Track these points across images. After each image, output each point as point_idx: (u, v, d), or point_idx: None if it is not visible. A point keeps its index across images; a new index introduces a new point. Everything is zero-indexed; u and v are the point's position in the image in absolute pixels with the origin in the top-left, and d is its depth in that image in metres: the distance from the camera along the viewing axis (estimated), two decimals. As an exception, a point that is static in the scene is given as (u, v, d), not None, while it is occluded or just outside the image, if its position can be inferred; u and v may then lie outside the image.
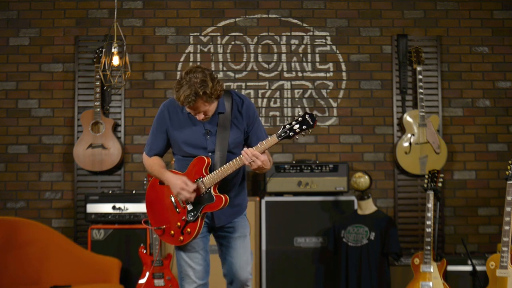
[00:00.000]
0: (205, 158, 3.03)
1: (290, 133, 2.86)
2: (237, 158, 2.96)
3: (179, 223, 3.08)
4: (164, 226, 3.12)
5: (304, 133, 2.86)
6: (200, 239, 3.14)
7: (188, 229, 3.05)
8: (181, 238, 3.07)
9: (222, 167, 2.99)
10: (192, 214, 3.03)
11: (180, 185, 3.00)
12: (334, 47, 5.44)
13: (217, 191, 3.02)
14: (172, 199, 3.11)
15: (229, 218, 3.16)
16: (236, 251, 3.17)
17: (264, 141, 2.92)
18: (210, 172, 3.03)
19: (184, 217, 3.06)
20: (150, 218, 3.22)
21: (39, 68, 5.38)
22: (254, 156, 2.89)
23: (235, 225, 3.19)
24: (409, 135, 5.22)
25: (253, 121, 3.16)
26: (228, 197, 3.02)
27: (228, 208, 3.08)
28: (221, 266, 3.24)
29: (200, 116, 2.99)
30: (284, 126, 2.87)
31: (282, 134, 2.87)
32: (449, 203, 5.36)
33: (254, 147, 2.92)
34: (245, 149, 2.92)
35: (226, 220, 3.16)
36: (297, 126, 2.85)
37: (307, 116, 2.84)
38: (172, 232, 3.10)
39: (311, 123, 2.83)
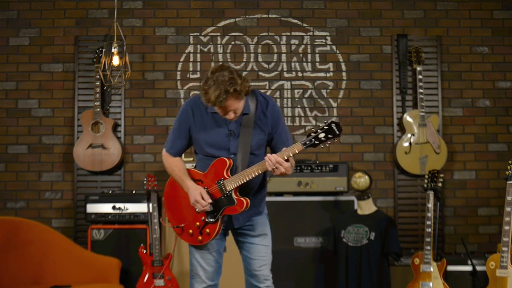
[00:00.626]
0: (226, 160, 3.00)
1: (315, 142, 2.83)
2: (260, 163, 2.93)
3: (198, 223, 3.06)
4: (182, 225, 3.10)
5: (330, 142, 2.82)
6: (215, 240, 3.12)
7: (208, 230, 3.03)
8: (200, 238, 3.06)
9: (244, 171, 2.96)
10: (212, 215, 3.02)
11: (196, 197, 2.99)
12: (334, 47, 5.44)
13: (238, 194, 3.00)
14: None
15: (246, 219, 3.14)
16: (256, 248, 3.15)
17: (288, 148, 2.88)
18: (232, 174, 3.00)
19: (203, 218, 3.04)
20: (169, 215, 3.19)
21: (39, 68, 5.38)
22: (278, 163, 2.87)
23: (255, 223, 3.16)
24: (409, 135, 5.22)
25: (278, 123, 3.11)
26: (249, 201, 2.99)
27: (247, 210, 3.05)
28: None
29: (230, 116, 2.94)
30: (309, 134, 2.84)
31: (307, 142, 2.84)
32: (449, 203, 5.36)
33: (277, 154, 2.89)
34: (268, 155, 2.88)
35: (243, 221, 3.13)
36: (323, 135, 2.82)
37: (333, 125, 2.81)
38: (191, 231, 3.08)
39: (337, 132, 2.80)
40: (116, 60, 4.66)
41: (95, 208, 4.81)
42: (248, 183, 3.02)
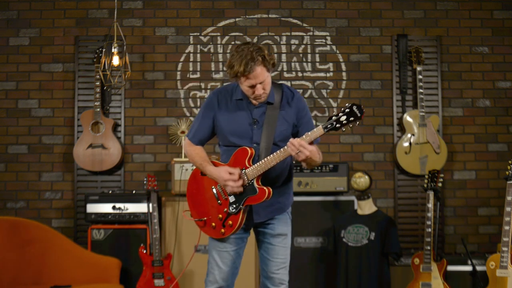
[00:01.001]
0: (248, 149, 2.97)
1: (337, 125, 2.77)
2: (283, 148, 2.88)
3: (220, 215, 3.02)
4: (205, 218, 3.06)
5: (351, 125, 2.77)
6: (234, 239, 3.08)
7: (230, 222, 2.98)
8: (223, 230, 3.01)
9: (266, 158, 2.91)
10: (234, 206, 2.97)
11: (224, 177, 2.94)
12: (334, 47, 5.44)
13: (260, 183, 2.95)
14: (214, 190, 3.05)
15: (268, 215, 3.09)
16: (274, 249, 3.11)
17: (310, 132, 2.83)
18: (254, 163, 2.96)
19: (225, 209, 3.00)
20: (191, 209, 3.16)
21: (39, 68, 5.38)
22: (301, 146, 2.79)
23: (276, 222, 3.12)
24: (409, 135, 5.22)
25: (304, 115, 3.09)
26: (271, 190, 2.93)
27: (269, 205, 3.04)
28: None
29: (259, 90, 2.93)
30: (331, 118, 2.78)
31: (329, 126, 2.78)
32: (449, 203, 5.36)
33: (299, 138, 2.83)
34: (291, 139, 2.83)
35: (265, 216, 3.09)
36: (344, 117, 2.76)
37: (354, 108, 2.75)
38: (214, 224, 3.04)
39: (359, 114, 2.74)
40: (116, 60, 4.66)
41: (95, 208, 4.81)
42: (271, 177, 2.99)
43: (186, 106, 5.38)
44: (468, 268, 4.44)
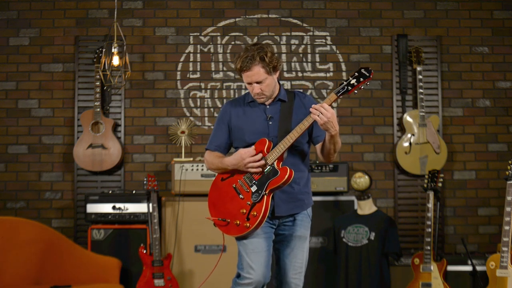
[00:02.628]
0: (266, 140, 2.99)
1: (348, 88, 2.87)
2: (303, 121, 2.92)
3: (244, 210, 2.97)
4: (228, 220, 3.02)
5: (362, 86, 2.87)
6: (264, 238, 3.02)
7: (254, 212, 2.94)
8: (247, 224, 2.95)
9: (283, 140, 2.94)
10: (257, 194, 2.94)
11: (242, 159, 2.96)
12: (334, 47, 5.44)
13: (280, 165, 2.96)
14: (235, 186, 3.04)
15: (289, 210, 3.06)
16: (292, 251, 3.09)
17: (324, 100, 2.90)
18: None
19: (248, 202, 2.97)
20: (213, 210, 3.11)
21: (39, 68, 5.38)
22: (322, 107, 2.83)
23: (297, 224, 3.09)
24: (409, 135, 5.22)
25: None
26: (293, 171, 2.92)
27: (289, 200, 3.03)
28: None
29: (255, 89, 3.01)
30: (342, 83, 2.88)
31: (341, 90, 2.88)
32: (449, 203, 5.36)
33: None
34: (312, 105, 2.87)
35: (286, 211, 3.05)
36: (354, 80, 2.87)
37: (362, 70, 2.87)
38: (238, 222, 2.98)
39: (368, 74, 2.86)
40: (116, 60, 4.66)
41: (95, 208, 4.81)
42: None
43: (186, 106, 5.38)
44: (468, 268, 4.44)
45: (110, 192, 4.95)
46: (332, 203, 4.86)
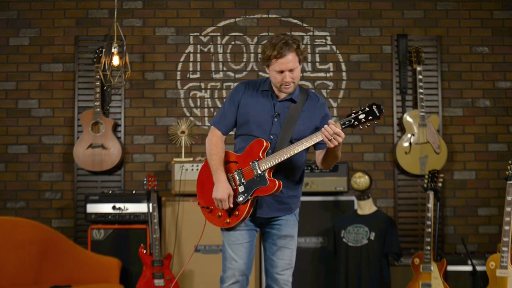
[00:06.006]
0: (264, 141, 2.99)
1: (355, 123, 2.81)
2: (303, 140, 2.90)
3: None
4: (212, 207, 3.05)
5: (369, 124, 2.81)
6: (247, 231, 3.08)
7: (237, 212, 2.99)
8: (228, 220, 3.01)
9: (281, 150, 2.93)
10: (243, 196, 2.97)
11: (221, 196, 2.98)
12: (334, 47, 5.44)
13: (271, 175, 2.96)
14: None
15: (272, 213, 3.08)
16: (279, 249, 3.11)
17: (333, 124, 2.83)
18: (267, 156, 2.98)
19: (234, 199, 3.01)
20: (199, 197, 3.17)
21: (39, 68, 5.38)
22: (336, 134, 2.79)
23: (282, 224, 3.11)
24: (409, 135, 5.22)
25: (326, 119, 3.08)
26: (281, 183, 2.93)
27: (275, 203, 3.05)
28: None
29: (287, 78, 2.96)
30: (350, 115, 2.81)
31: (346, 123, 2.81)
32: (449, 203, 5.36)
33: (327, 126, 2.81)
34: (325, 126, 2.81)
35: (268, 213, 3.08)
36: (363, 116, 2.80)
37: (374, 107, 2.79)
38: (220, 213, 3.04)
39: (378, 114, 2.78)
40: (116, 60, 4.66)
41: (95, 208, 4.81)
42: (282, 177, 2.99)
43: (186, 106, 5.38)
44: (468, 268, 4.44)
45: (110, 192, 4.96)
46: (332, 203, 4.86)
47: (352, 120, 2.80)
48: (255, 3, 5.45)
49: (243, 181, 3.00)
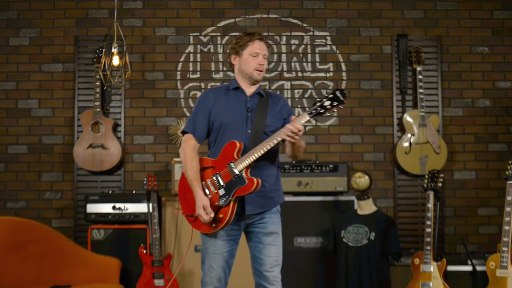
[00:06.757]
0: (236, 142, 3.05)
1: (321, 110, 2.89)
2: (269, 138, 3.00)
3: None
4: (195, 214, 3.08)
5: (335, 110, 2.90)
6: (227, 241, 3.13)
7: (220, 215, 3.02)
8: (214, 225, 3.04)
9: (253, 149, 3.00)
10: (224, 199, 3.01)
11: (200, 209, 3.02)
12: (334, 47, 5.44)
13: (248, 174, 3.01)
14: (203, 183, 3.10)
15: (259, 208, 3.13)
16: (265, 247, 3.14)
17: (297, 118, 2.94)
18: (243, 155, 3.04)
19: (216, 203, 3.04)
20: (183, 206, 3.20)
21: (39, 68, 5.38)
22: (297, 134, 2.92)
23: (267, 221, 3.16)
24: (409, 135, 5.22)
25: (290, 112, 3.25)
26: (260, 180, 2.99)
27: (260, 198, 3.10)
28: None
29: (261, 60, 3.15)
30: (315, 103, 2.89)
31: (313, 112, 2.90)
32: (449, 203, 5.36)
33: (288, 124, 2.96)
34: (286, 126, 2.95)
35: (256, 209, 3.12)
36: (328, 102, 2.88)
37: (337, 93, 2.87)
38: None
39: (342, 98, 2.87)
40: (116, 60, 4.66)
41: (95, 208, 4.81)
42: (261, 172, 3.07)
43: (186, 106, 5.38)
44: (468, 268, 4.44)
45: (110, 192, 4.96)
46: (332, 203, 4.86)
47: (318, 108, 2.90)
48: (255, 3, 5.45)
49: (222, 184, 3.04)
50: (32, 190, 5.31)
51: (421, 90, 5.21)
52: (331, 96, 2.87)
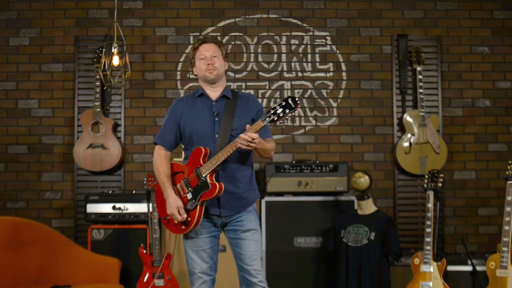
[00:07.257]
0: (202, 148, 3.17)
1: (274, 118, 2.96)
2: (230, 144, 3.09)
3: None
4: (168, 218, 3.24)
5: (288, 116, 2.97)
6: (208, 238, 3.26)
7: (189, 218, 3.17)
8: (183, 227, 3.19)
9: (216, 155, 3.11)
10: (191, 202, 3.16)
11: (172, 210, 3.16)
12: (334, 47, 5.44)
13: (213, 179, 3.13)
14: (175, 188, 3.24)
15: (234, 210, 3.25)
16: (244, 242, 3.24)
17: (251, 126, 3.04)
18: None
19: (185, 206, 3.18)
20: (158, 209, 3.37)
21: (39, 68, 5.38)
22: (252, 142, 3.01)
23: (244, 219, 3.27)
24: (409, 135, 5.22)
25: (261, 112, 3.31)
26: (222, 185, 3.12)
27: (235, 200, 3.22)
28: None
29: (209, 58, 3.24)
30: (269, 111, 2.98)
31: (267, 119, 2.97)
32: (449, 203, 5.36)
33: (244, 132, 3.05)
34: (240, 136, 3.03)
35: (231, 210, 3.24)
36: (281, 110, 2.95)
37: (289, 100, 2.94)
38: (176, 222, 3.22)
39: (293, 106, 2.93)
40: (116, 60, 4.66)
41: (95, 208, 4.81)
42: (233, 175, 3.20)
43: (186, 106, 5.37)
44: (468, 268, 4.44)
45: (110, 192, 4.96)
46: (332, 203, 4.86)
47: (272, 116, 2.97)
48: (255, 3, 5.45)
49: (190, 188, 3.18)
50: (32, 190, 5.31)
51: (421, 90, 5.21)
52: (283, 103, 2.95)
